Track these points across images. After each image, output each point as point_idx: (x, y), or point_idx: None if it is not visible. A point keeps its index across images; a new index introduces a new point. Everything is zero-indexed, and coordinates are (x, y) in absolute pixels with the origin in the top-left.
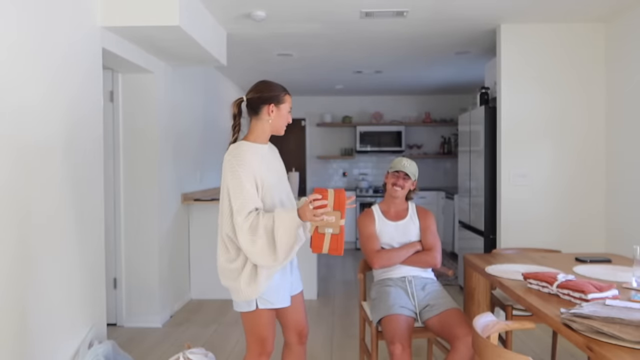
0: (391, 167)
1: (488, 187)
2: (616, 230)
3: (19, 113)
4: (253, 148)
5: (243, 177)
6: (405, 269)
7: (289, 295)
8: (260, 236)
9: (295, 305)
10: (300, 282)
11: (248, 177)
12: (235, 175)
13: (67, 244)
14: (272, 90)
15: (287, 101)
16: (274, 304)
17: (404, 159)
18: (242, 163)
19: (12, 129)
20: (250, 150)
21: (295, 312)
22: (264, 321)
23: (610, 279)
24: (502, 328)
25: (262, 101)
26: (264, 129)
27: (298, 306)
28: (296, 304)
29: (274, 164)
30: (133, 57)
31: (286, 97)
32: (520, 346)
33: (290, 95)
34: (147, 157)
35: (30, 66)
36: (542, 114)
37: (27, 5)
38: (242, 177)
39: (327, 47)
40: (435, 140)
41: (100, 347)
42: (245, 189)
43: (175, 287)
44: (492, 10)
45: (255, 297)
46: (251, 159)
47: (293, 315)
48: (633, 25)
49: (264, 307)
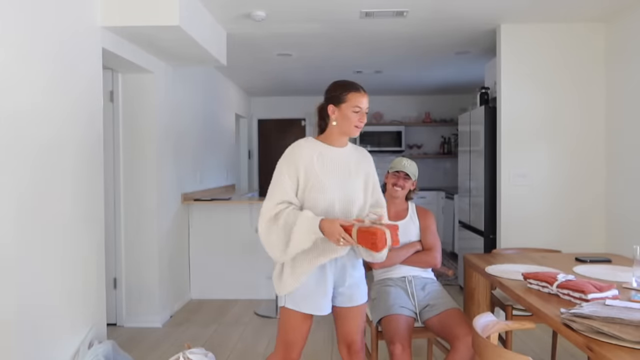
0: (391, 167)
1: (488, 187)
2: (616, 230)
3: (19, 113)
4: (314, 146)
5: (284, 169)
6: (405, 269)
7: (325, 304)
8: (278, 228)
9: (347, 317)
10: (360, 296)
11: (289, 170)
12: (279, 165)
13: (67, 244)
14: (333, 90)
15: (350, 100)
16: (300, 308)
17: (404, 159)
18: (289, 156)
19: (12, 130)
20: (308, 147)
21: (346, 325)
22: (292, 323)
23: (610, 279)
24: (502, 328)
25: (326, 102)
26: (332, 129)
27: (350, 319)
28: (348, 316)
29: (342, 168)
30: (133, 57)
31: (348, 95)
32: (520, 346)
33: (360, 92)
34: (147, 157)
35: (30, 66)
36: (542, 114)
37: (27, 5)
38: (284, 169)
39: (327, 47)
40: (435, 140)
41: (100, 347)
42: (281, 180)
43: (175, 287)
44: (492, 10)
45: (284, 294)
46: (303, 154)
47: (343, 327)
48: (633, 25)
49: (290, 307)
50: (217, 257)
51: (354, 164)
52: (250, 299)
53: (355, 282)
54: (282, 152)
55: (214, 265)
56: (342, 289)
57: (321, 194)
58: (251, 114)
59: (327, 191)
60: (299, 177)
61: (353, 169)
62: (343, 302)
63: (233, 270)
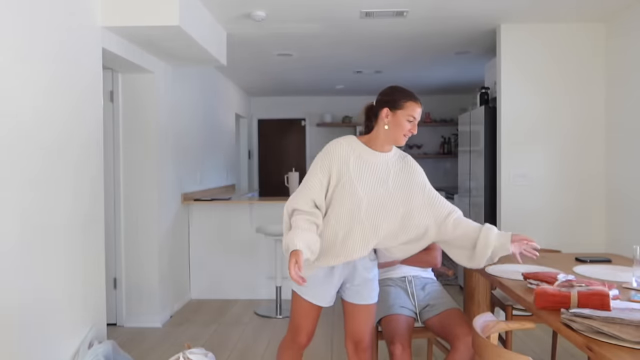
0: None
1: (488, 187)
2: (616, 230)
3: (19, 114)
4: (355, 146)
5: (319, 165)
6: (405, 269)
7: (327, 297)
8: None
9: (355, 314)
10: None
11: (323, 167)
12: (316, 160)
13: (67, 244)
14: (392, 94)
15: (407, 108)
16: (303, 294)
17: None
18: (326, 153)
19: (12, 130)
20: (346, 146)
21: (354, 321)
22: (298, 307)
23: (610, 279)
24: (502, 328)
25: (381, 104)
26: (379, 133)
27: (358, 316)
28: (356, 313)
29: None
30: (133, 57)
31: (407, 103)
32: (520, 346)
33: (417, 103)
34: (147, 157)
35: (29, 67)
36: (542, 114)
37: (27, 5)
38: (318, 165)
39: (327, 47)
40: (435, 140)
41: (100, 347)
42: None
43: (175, 287)
44: (492, 10)
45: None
46: (340, 153)
47: (351, 324)
48: (633, 25)
49: (297, 292)
50: (217, 257)
51: (395, 170)
52: (250, 299)
53: (365, 281)
54: (282, 152)
55: (214, 265)
56: (352, 285)
57: (350, 196)
58: (251, 114)
59: (356, 194)
60: (331, 175)
61: (393, 176)
62: (352, 297)
63: (233, 270)
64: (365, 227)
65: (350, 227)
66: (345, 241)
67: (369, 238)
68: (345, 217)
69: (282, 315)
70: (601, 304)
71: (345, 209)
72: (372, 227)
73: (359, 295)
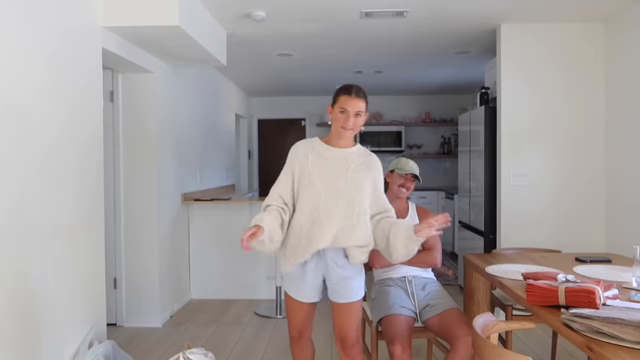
0: (398, 167)
1: (488, 187)
2: (616, 230)
3: (19, 113)
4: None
5: (285, 166)
6: (405, 269)
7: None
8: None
9: (338, 312)
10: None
11: (287, 168)
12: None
13: (67, 244)
14: (335, 92)
15: (339, 101)
16: (287, 290)
17: (411, 161)
18: (289, 155)
19: (13, 130)
20: (304, 146)
21: (337, 319)
22: (286, 303)
23: (610, 279)
24: (502, 328)
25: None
26: (331, 130)
27: (340, 314)
28: (338, 311)
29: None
30: (133, 57)
31: (340, 97)
32: (520, 346)
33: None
34: (147, 157)
35: (29, 66)
36: (542, 114)
37: (26, 5)
38: (285, 166)
39: (327, 47)
40: (435, 140)
41: (100, 347)
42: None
43: (175, 287)
44: (492, 11)
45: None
46: (300, 152)
47: (335, 321)
48: (632, 25)
49: (283, 287)
50: (217, 257)
51: (355, 165)
52: (250, 299)
53: (342, 279)
54: (282, 152)
55: (214, 265)
56: (331, 284)
57: (309, 191)
58: (251, 114)
59: (314, 188)
60: (294, 173)
61: (352, 170)
62: (332, 296)
63: (233, 270)
64: (324, 217)
65: (312, 218)
66: (309, 233)
67: (328, 227)
68: (308, 209)
69: (282, 315)
70: (588, 301)
71: (307, 201)
72: (331, 216)
73: (336, 293)
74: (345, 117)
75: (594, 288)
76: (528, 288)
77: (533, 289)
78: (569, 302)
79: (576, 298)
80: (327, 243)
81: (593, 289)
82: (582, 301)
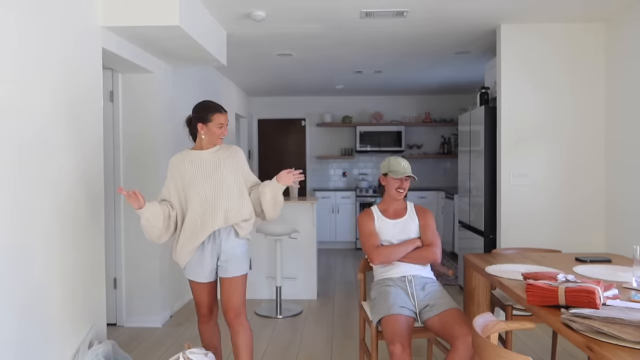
0: (391, 170)
1: (488, 187)
2: (616, 230)
3: (19, 113)
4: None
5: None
6: (405, 268)
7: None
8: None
9: (223, 287)
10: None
11: (168, 179)
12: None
13: (67, 244)
14: (201, 111)
15: (215, 119)
16: (187, 274)
17: (400, 159)
18: (168, 169)
19: (12, 129)
20: (180, 157)
21: (223, 293)
22: (194, 287)
23: (610, 279)
24: (502, 328)
25: (196, 120)
26: (201, 141)
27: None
28: (224, 286)
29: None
30: (133, 57)
31: (214, 116)
32: (520, 346)
33: (222, 112)
34: (147, 157)
35: (30, 66)
36: (542, 114)
37: (27, 5)
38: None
39: (327, 47)
40: (435, 140)
41: (100, 347)
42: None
43: (175, 287)
44: (492, 11)
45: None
46: (174, 165)
47: (224, 295)
48: (633, 25)
49: (185, 274)
50: None
51: (222, 159)
52: (250, 299)
53: (231, 257)
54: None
55: None
56: (221, 262)
57: (195, 189)
58: (251, 114)
59: (196, 184)
60: (176, 181)
61: (221, 163)
62: (222, 273)
63: None
64: (213, 205)
65: (203, 210)
66: (203, 222)
67: (219, 209)
68: (197, 204)
69: (282, 315)
70: (588, 301)
71: (195, 199)
72: (218, 203)
73: (223, 270)
74: (223, 129)
75: (594, 288)
76: (528, 288)
77: (533, 289)
78: (569, 302)
79: (576, 298)
80: (221, 222)
81: (593, 289)
82: (582, 301)
